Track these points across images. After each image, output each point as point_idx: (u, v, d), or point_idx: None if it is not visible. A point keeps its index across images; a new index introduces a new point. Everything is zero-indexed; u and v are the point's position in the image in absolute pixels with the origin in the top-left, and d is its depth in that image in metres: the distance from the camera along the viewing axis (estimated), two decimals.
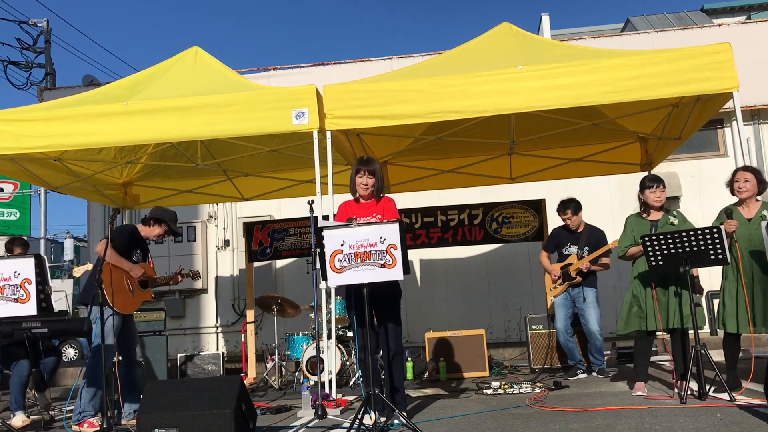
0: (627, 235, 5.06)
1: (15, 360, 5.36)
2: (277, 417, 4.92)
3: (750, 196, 4.80)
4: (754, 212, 4.79)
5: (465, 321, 9.03)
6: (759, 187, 4.80)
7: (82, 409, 4.78)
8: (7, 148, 5.53)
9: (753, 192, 4.80)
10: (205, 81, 5.82)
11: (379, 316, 4.49)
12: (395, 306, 4.55)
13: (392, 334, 4.46)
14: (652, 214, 5.01)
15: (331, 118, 5.40)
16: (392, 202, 4.63)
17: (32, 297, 4.20)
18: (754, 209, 4.81)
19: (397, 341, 4.48)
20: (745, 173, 4.82)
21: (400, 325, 4.56)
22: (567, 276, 6.41)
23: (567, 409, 4.45)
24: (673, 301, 4.78)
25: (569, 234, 6.54)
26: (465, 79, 5.21)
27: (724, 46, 5.05)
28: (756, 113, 9.70)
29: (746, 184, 4.78)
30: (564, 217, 6.51)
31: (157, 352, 6.93)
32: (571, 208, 6.48)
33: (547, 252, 6.71)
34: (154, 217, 5.40)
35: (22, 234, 16.18)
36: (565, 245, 6.53)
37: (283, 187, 8.14)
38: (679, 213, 5.00)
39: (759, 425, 3.53)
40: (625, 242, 5.06)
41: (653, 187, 4.96)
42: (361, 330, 4.42)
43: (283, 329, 8.30)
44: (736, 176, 4.86)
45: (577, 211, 6.49)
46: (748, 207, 4.83)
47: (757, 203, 4.84)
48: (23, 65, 15.27)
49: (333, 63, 10.02)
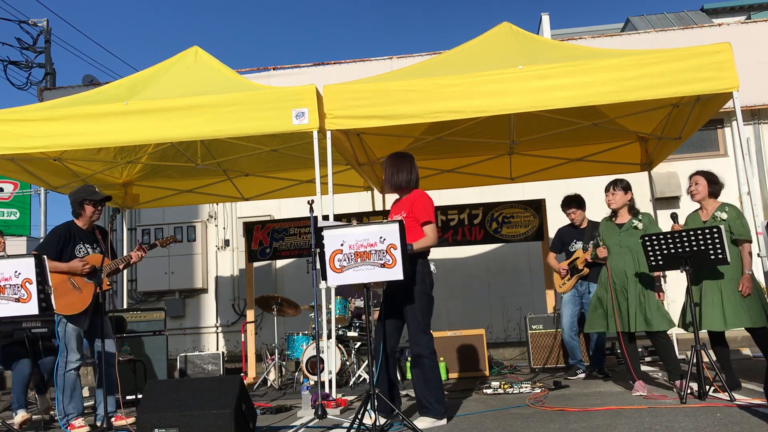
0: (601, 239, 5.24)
1: (16, 359, 5.38)
2: (277, 417, 4.92)
3: (702, 198, 5.03)
4: (711, 213, 4.99)
5: (465, 321, 9.03)
6: (710, 187, 5.02)
7: (66, 412, 4.75)
8: (7, 148, 5.53)
9: (704, 194, 5.02)
10: (205, 81, 5.82)
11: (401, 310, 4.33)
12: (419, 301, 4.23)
13: (411, 332, 4.24)
14: (620, 217, 5.16)
15: (331, 118, 5.40)
16: (420, 198, 4.33)
17: (33, 296, 4.18)
18: (711, 210, 5.00)
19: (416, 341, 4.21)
20: (696, 177, 5.09)
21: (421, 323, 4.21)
22: (575, 269, 6.42)
23: (567, 408, 4.45)
24: (634, 303, 4.91)
25: (574, 231, 6.56)
26: (465, 79, 5.21)
27: (724, 46, 5.06)
28: (756, 113, 9.70)
29: (697, 186, 5.04)
30: (569, 211, 6.54)
31: (157, 352, 6.92)
32: (575, 203, 6.51)
33: (554, 252, 6.72)
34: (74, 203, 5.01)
35: (22, 234, 16.16)
36: (571, 242, 6.55)
37: (283, 187, 8.15)
38: (645, 216, 5.10)
39: (759, 425, 3.53)
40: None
41: (608, 190, 5.20)
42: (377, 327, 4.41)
43: (283, 329, 8.31)
44: (690, 180, 5.12)
45: (581, 206, 6.53)
46: (705, 209, 5.05)
47: (715, 203, 5.02)
48: (23, 65, 15.26)
49: (333, 63, 10.02)
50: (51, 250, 4.80)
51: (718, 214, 4.92)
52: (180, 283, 10.00)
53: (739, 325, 4.73)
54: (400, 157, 4.49)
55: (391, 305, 4.36)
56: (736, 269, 4.78)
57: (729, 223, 4.84)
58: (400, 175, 4.41)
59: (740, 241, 4.82)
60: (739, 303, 4.72)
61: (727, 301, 4.75)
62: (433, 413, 4.15)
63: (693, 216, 5.12)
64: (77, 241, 4.94)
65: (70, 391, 4.76)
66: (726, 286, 4.78)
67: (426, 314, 4.25)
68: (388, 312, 4.37)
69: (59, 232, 4.91)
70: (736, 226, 4.83)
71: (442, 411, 4.19)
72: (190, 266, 9.95)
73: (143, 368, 6.62)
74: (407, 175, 4.42)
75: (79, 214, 5.00)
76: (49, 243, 4.87)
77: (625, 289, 4.95)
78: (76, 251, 4.91)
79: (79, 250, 4.92)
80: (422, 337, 4.21)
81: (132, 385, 6.31)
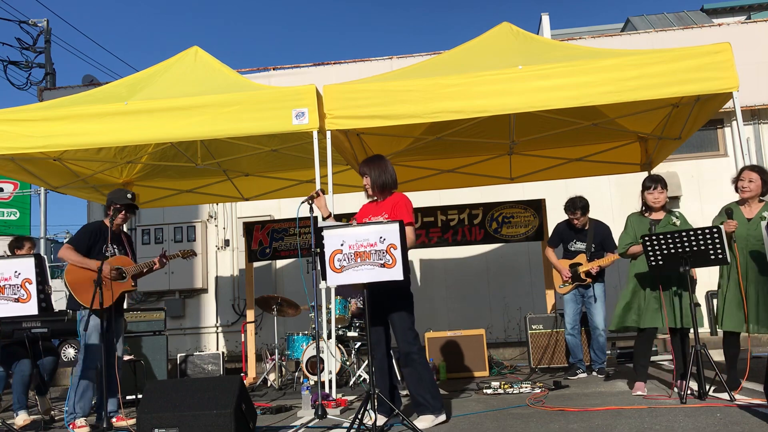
0: (628, 233, 5.07)
1: (16, 360, 5.38)
2: (277, 417, 4.93)
3: (753, 196, 4.78)
4: (755, 212, 4.78)
5: (465, 321, 9.03)
6: (763, 188, 4.77)
7: (71, 410, 4.78)
8: (7, 148, 5.52)
9: (756, 192, 4.77)
10: (205, 81, 5.82)
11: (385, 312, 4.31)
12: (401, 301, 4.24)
13: (398, 331, 4.23)
14: (654, 213, 5.02)
15: (331, 118, 5.40)
16: (402, 200, 4.37)
17: (33, 297, 4.19)
18: (756, 209, 4.80)
19: (404, 339, 4.20)
20: (751, 173, 4.79)
21: (407, 321, 4.21)
22: (576, 277, 6.41)
23: (567, 408, 4.45)
24: (674, 300, 4.78)
25: (573, 230, 6.54)
26: (465, 79, 5.21)
27: (723, 46, 5.06)
28: (756, 113, 9.70)
29: (750, 184, 4.76)
30: (572, 216, 6.49)
31: (157, 352, 6.92)
32: (580, 208, 6.44)
33: (552, 246, 6.71)
34: (107, 205, 5.17)
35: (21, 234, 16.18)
36: (570, 241, 6.53)
37: (283, 187, 8.15)
38: (681, 215, 4.99)
39: (759, 425, 3.53)
40: (626, 240, 5.06)
41: (651, 188, 4.97)
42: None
43: (283, 329, 8.30)
44: (742, 175, 4.83)
45: (586, 211, 6.48)
46: (749, 207, 4.82)
47: (759, 204, 4.82)
48: (23, 65, 15.25)
49: (333, 63, 10.02)
50: (82, 246, 4.95)
51: (766, 214, 4.72)
52: (180, 283, 9.99)
53: None
54: (380, 158, 4.51)
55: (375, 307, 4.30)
56: None
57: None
58: (386, 175, 4.42)
59: None
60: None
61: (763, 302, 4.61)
62: (431, 410, 4.15)
63: (735, 209, 4.82)
64: (106, 240, 5.05)
65: (82, 389, 4.80)
66: (762, 287, 4.63)
67: (411, 312, 4.27)
68: (376, 313, 4.33)
69: (91, 229, 5.07)
70: None
71: (440, 406, 4.19)
72: (190, 266, 9.95)
73: (143, 368, 6.63)
74: (392, 176, 4.45)
75: (109, 215, 5.11)
76: (81, 238, 5.00)
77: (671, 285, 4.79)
78: (104, 250, 5.00)
79: (106, 250, 5.01)
80: (409, 334, 4.21)
81: (132, 385, 6.31)
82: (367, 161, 4.52)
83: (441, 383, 6.64)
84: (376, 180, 4.42)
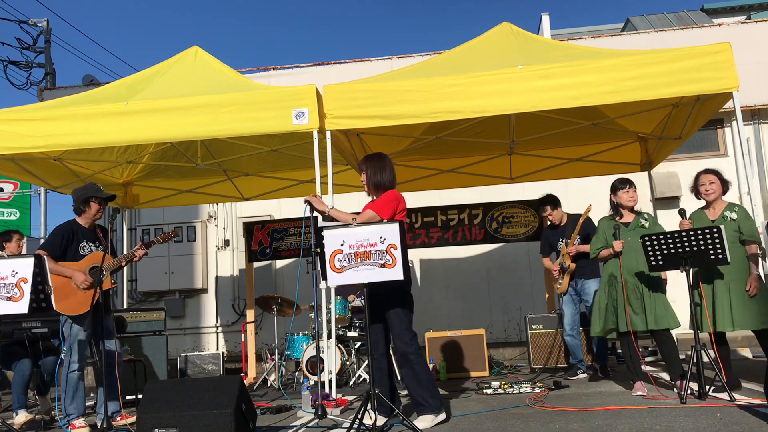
0: (599, 238, 5.19)
1: (16, 359, 5.38)
2: (277, 417, 4.93)
3: (716, 197, 4.95)
4: (719, 213, 4.93)
5: (465, 321, 9.03)
6: (723, 187, 4.95)
7: (67, 412, 4.77)
8: (7, 148, 5.53)
9: (719, 193, 4.95)
10: (205, 81, 5.82)
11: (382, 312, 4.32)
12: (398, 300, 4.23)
13: (395, 331, 4.22)
14: (624, 216, 5.11)
15: (331, 118, 5.40)
16: (386, 195, 4.33)
17: (26, 296, 4.14)
18: (719, 209, 4.94)
19: (401, 339, 4.19)
20: (709, 175, 4.98)
21: (404, 321, 4.19)
22: (563, 269, 6.43)
23: (567, 408, 4.45)
24: (648, 302, 4.85)
25: (556, 231, 6.57)
26: (465, 79, 5.21)
27: (723, 46, 5.06)
28: (756, 113, 9.70)
29: (712, 185, 4.95)
30: (545, 214, 6.59)
31: (157, 352, 6.92)
32: (549, 204, 6.54)
33: (545, 255, 6.73)
34: (78, 201, 4.99)
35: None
36: (557, 242, 6.56)
37: (283, 187, 8.15)
38: (649, 216, 5.09)
39: (759, 425, 3.53)
40: (597, 244, 5.19)
41: (626, 187, 5.08)
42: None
43: (283, 329, 8.31)
44: (700, 180, 5.01)
45: (556, 205, 6.55)
46: (713, 209, 4.99)
47: (723, 203, 4.97)
48: (23, 65, 15.24)
49: (333, 63, 10.01)
50: (56, 249, 4.82)
51: (727, 213, 4.86)
52: (180, 283, 9.99)
53: (746, 327, 4.70)
54: (380, 157, 4.49)
55: (374, 306, 4.31)
56: (745, 270, 4.74)
57: (739, 224, 4.80)
58: (381, 174, 4.40)
59: (749, 241, 4.78)
60: (747, 304, 4.69)
61: (736, 302, 4.70)
62: (431, 409, 4.14)
63: (699, 214, 5.05)
64: (80, 239, 4.95)
65: (72, 391, 4.77)
66: (734, 286, 4.73)
67: (408, 312, 4.25)
68: (374, 313, 4.33)
69: (63, 231, 4.92)
70: (746, 227, 4.79)
71: (439, 405, 4.19)
72: (190, 266, 9.95)
73: (143, 368, 6.63)
74: (388, 175, 4.41)
75: (82, 211, 4.99)
76: (54, 242, 4.86)
77: (637, 287, 4.89)
78: (79, 249, 4.91)
79: (83, 248, 4.92)
80: (407, 334, 4.20)
81: (132, 385, 6.31)
82: (366, 158, 4.53)
83: (441, 383, 6.64)
84: (370, 178, 4.43)
